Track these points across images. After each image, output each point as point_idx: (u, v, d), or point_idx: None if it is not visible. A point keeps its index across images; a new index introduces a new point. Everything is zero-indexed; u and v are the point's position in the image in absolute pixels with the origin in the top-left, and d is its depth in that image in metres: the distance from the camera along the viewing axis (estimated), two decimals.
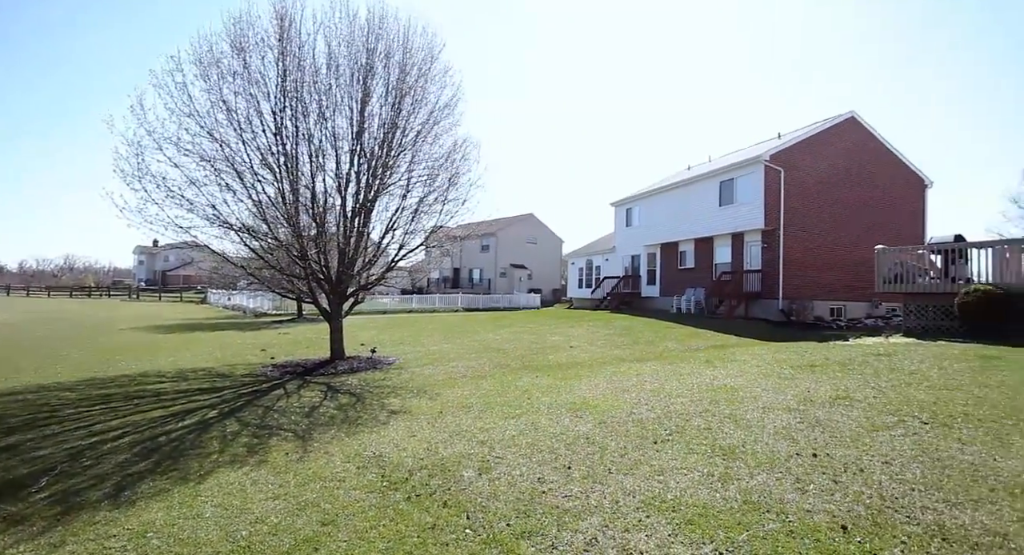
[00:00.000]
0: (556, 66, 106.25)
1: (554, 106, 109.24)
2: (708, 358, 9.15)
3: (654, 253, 25.16)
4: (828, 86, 73.44)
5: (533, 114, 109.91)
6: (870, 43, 66.86)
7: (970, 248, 10.46)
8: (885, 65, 66.75)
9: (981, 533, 2.73)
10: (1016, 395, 5.26)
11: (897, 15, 64.71)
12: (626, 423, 5.18)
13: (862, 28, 67.93)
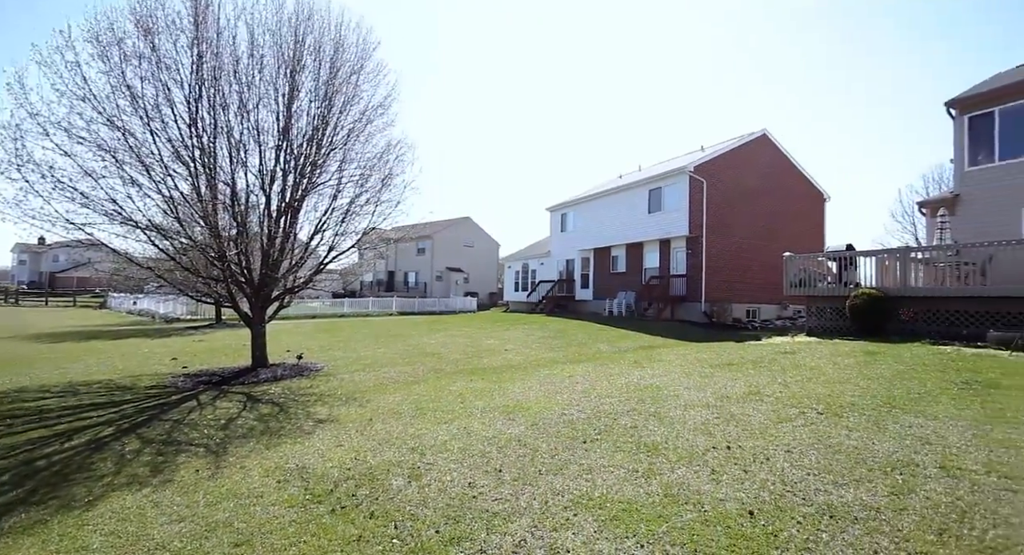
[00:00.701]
0: (495, 74, 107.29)
1: (493, 111, 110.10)
2: (636, 359, 9.56)
3: (588, 257, 25.97)
4: (744, 102, 79.81)
5: (471, 119, 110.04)
6: (782, 63, 73.50)
7: (858, 256, 11.74)
8: (794, 85, 73.64)
9: (860, 508, 3.06)
10: (891, 386, 5.95)
11: (807, 39, 71.67)
12: (557, 424, 5.29)
13: (774, 49, 74.50)
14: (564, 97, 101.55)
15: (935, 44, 60.62)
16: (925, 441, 4.11)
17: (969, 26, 59.16)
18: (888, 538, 2.73)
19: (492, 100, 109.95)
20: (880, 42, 65.24)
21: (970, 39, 59.20)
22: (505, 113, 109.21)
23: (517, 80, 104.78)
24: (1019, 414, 4.70)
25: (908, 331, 9.94)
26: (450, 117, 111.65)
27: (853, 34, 67.33)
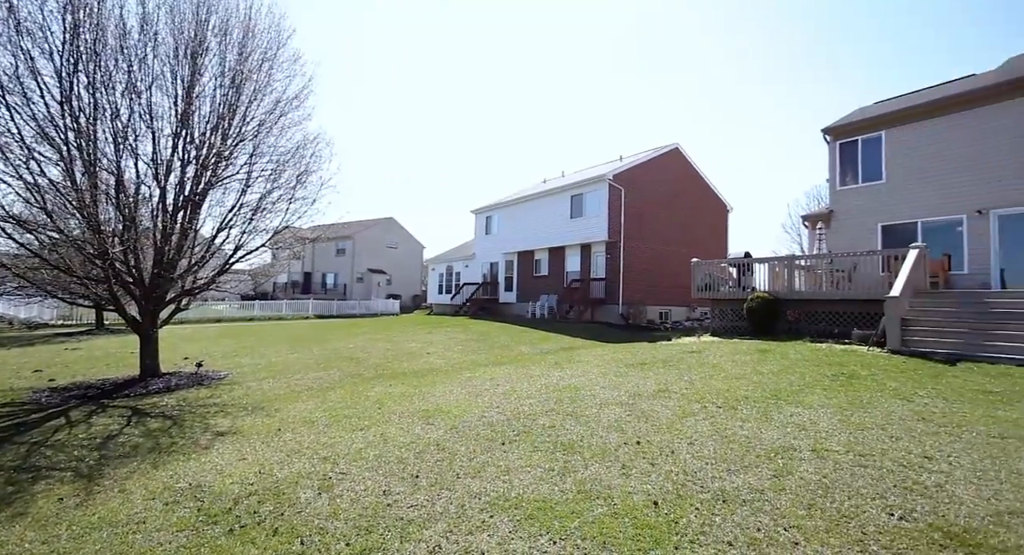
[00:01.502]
0: (421, 76, 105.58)
1: (420, 111, 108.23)
2: (557, 360, 9.83)
3: (512, 260, 26.32)
4: (659, 115, 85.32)
5: (397, 119, 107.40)
6: (696, 80, 79.45)
7: (754, 263, 12.98)
8: (704, 96, 79.92)
9: (748, 492, 3.36)
10: (778, 380, 6.63)
11: (719, 58, 78.09)
12: (477, 427, 5.29)
13: (688, 61, 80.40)
14: (490, 101, 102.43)
15: (827, 72, 68.83)
16: (801, 428, 4.62)
17: (858, 56, 67.82)
18: (769, 516, 3.02)
19: (419, 102, 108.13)
20: (779, 68, 72.87)
21: (857, 69, 67.84)
22: (432, 115, 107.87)
23: (443, 82, 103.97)
24: (872, 400, 5.44)
25: (793, 330, 11.14)
26: (375, 117, 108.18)
27: (760, 59, 74.59)
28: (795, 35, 68.15)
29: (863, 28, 64.29)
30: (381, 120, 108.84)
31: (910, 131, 12.95)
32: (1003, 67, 13.51)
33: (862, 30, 64.44)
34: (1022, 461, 3.67)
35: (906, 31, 61.72)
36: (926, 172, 12.58)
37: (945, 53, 58.23)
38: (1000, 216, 11.44)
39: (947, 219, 12.19)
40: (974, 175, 11.80)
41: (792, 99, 71.80)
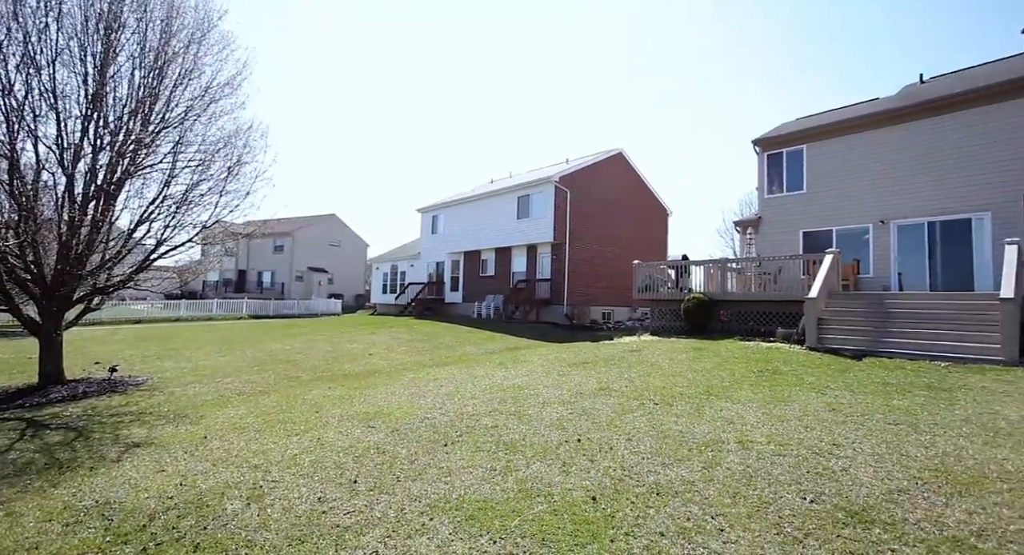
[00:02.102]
0: (367, 72, 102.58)
1: (366, 107, 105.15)
2: (502, 360, 9.86)
3: (458, 260, 26.15)
4: (605, 119, 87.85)
5: (340, 115, 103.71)
6: (639, 81, 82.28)
7: (691, 265, 13.65)
8: (648, 101, 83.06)
9: (680, 484, 3.53)
10: (711, 376, 7.01)
11: (662, 62, 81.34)
12: (419, 428, 5.20)
13: (634, 67, 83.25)
14: (438, 99, 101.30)
15: (764, 86, 73.51)
16: (730, 421, 4.90)
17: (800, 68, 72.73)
18: (698, 506, 3.18)
19: (366, 97, 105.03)
20: (721, 78, 77.06)
21: (793, 82, 72.86)
22: (380, 111, 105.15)
23: (391, 79, 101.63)
24: (791, 394, 5.87)
25: (726, 329, 11.81)
26: (317, 112, 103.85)
27: (703, 69, 78.46)
28: (736, 48, 72.36)
29: (800, 43, 69.24)
30: (325, 116, 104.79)
31: (826, 146, 14.11)
32: (899, 93, 15.03)
33: (800, 45, 69.38)
34: (910, 444, 4.09)
35: (837, 48, 67.07)
36: (839, 184, 13.75)
37: (867, 69, 63.88)
38: (899, 226, 12.70)
39: (856, 227, 13.38)
40: (877, 189, 13.04)
41: (731, 108, 76.22)
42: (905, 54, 60.86)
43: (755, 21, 67.52)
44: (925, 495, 3.20)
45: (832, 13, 61.69)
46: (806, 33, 66.65)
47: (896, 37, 61.18)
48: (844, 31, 62.47)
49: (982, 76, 12.79)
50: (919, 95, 13.40)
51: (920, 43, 60.45)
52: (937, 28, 59.13)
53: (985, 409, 4.99)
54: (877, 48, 63.29)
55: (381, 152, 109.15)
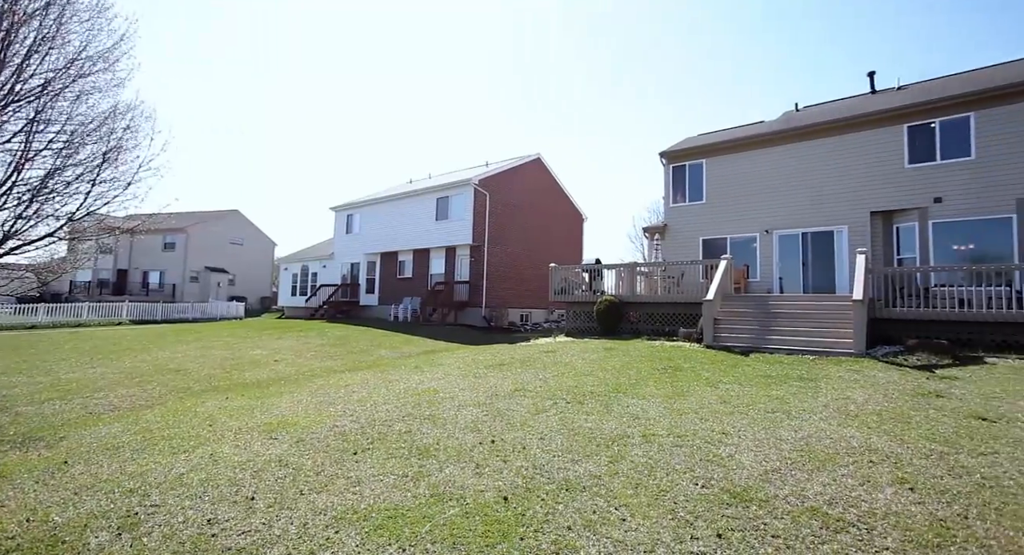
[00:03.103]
0: (278, 64, 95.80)
1: (278, 101, 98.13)
2: (417, 364, 9.67)
3: (374, 261, 25.28)
4: (524, 124, 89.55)
5: (249, 106, 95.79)
6: (560, 91, 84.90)
7: (603, 269, 14.35)
8: (568, 112, 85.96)
9: (588, 478, 3.69)
10: (619, 375, 7.40)
11: (584, 73, 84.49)
12: (327, 437, 4.94)
13: (554, 73, 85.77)
14: (357, 96, 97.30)
15: (677, 99, 78.93)
16: (635, 417, 5.21)
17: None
18: (604, 499, 3.35)
19: (280, 90, 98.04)
20: (638, 88, 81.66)
21: (702, 96, 78.87)
22: (293, 106, 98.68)
23: (306, 74, 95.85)
24: (690, 389, 6.37)
25: (635, 330, 12.55)
26: (225, 102, 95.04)
27: (622, 76, 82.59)
28: (652, 60, 77.19)
29: (712, 58, 75.31)
30: (233, 107, 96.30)
31: (722, 162, 15.54)
32: (780, 118, 16.99)
33: (712, 59, 75.44)
34: (783, 429, 4.63)
35: (738, 65, 73.85)
36: (733, 197, 15.20)
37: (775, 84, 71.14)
38: (780, 236, 14.32)
39: (746, 236, 14.88)
40: (763, 202, 14.61)
41: (642, 119, 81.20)
42: (788, 80, 68.85)
43: (657, 40, 72.77)
44: (792, 473, 3.63)
45: (737, 38, 68.19)
46: (706, 52, 73.00)
47: (779, 64, 69.01)
48: (740, 53, 69.30)
49: (843, 109, 14.83)
50: (794, 121, 15.23)
51: (803, 72, 68.71)
52: (821, 59, 67.59)
53: (840, 395, 5.77)
54: (766, 72, 70.95)
55: (292, 147, 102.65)
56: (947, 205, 11.86)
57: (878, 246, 12.74)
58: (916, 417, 4.88)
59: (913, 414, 4.98)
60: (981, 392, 5.77)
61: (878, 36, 61.07)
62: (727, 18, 67.38)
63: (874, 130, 13.01)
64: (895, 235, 12.75)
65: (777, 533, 2.83)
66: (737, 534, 2.83)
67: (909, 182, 12.41)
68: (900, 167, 12.58)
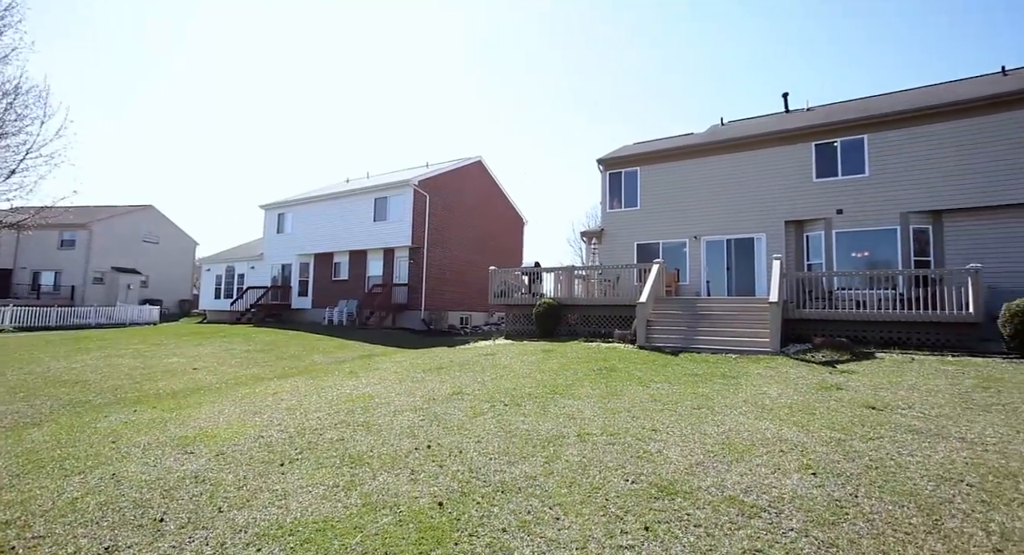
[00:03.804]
0: (207, 55, 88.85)
1: (207, 92, 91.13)
2: (353, 369, 9.34)
3: (308, 263, 24.16)
4: (466, 126, 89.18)
5: (172, 94, 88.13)
6: (498, 93, 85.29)
7: (543, 272, 14.57)
8: (509, 116, 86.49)
9: (523, 479, 3.72)
10: (556, 376, 7.54)
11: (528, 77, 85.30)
12: (251, 449, 4.65)
13: (492, 81, 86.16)
14: (294, 91, 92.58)
15: (614, 110, 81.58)
16: (571, 417, 5.32)
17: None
18: (539, 499, 3.38)
19: (208, 82, 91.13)
20: (571, 98, 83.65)
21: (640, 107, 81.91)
22: (222, 99, 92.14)
23: (238, 66, 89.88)
24: (623, 388, 6.61)
25: (572, 332, 12.83)
26: (143, 90, 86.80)
27: (561, 83, 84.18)
28: (593, 67, 79.41)
29: (645, 71, 78.49)
30: (150, 98, 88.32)
31: (656, 170, 16.31)
32: (707, 132, 18.13)
33: (647, 71, 78.63)
34: (707, 424, 4.91)
35: (672, 76, 77.59)
36: (665, 203, 15.99)
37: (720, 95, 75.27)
38: (707, 241, 15.24)
39: (677, 241, 15.69)
40: (692, 209, 15.48)
41: (580, 126, 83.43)
42: (714, 94, 73.55)
43: (597, 52, 75.39)
44: (714, 465, 3.86)
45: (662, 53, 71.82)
46: (636, 68, 76.42)
47: (708, 79, 73.56)
48: (670, 65, 73.14)
49: (761, 125, 16.06)
50: (719, 135, 16.30)
51: (727, 87, 73.58)
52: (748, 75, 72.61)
53: (757, 391, 6.22)
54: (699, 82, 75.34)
55: (217, 142, 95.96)
56: (847, 216, 13.16)
57: (791, 252, 13.88)
58: (820, 408, 5.36)
59: (817, 406, 5.47)
60: (871, 384, 6.43)
61: (793, 60, 66.85)
62: (660, 36, 71.07)
63: (787, 146, 14.20)
64: (805, 242, 13.96)
65: (699, 522, 2.99)
66: (663, 526, 2.96)
67: (816, 195, 13.65)
68: (809, 181, 13.80)
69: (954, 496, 3.26)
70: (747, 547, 2.72)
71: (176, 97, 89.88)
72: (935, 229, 12.31)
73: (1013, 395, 5.72)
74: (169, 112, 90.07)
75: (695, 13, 67.51)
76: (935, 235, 12.30)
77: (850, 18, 60.95)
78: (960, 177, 11.92)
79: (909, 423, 4.79)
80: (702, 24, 68.07)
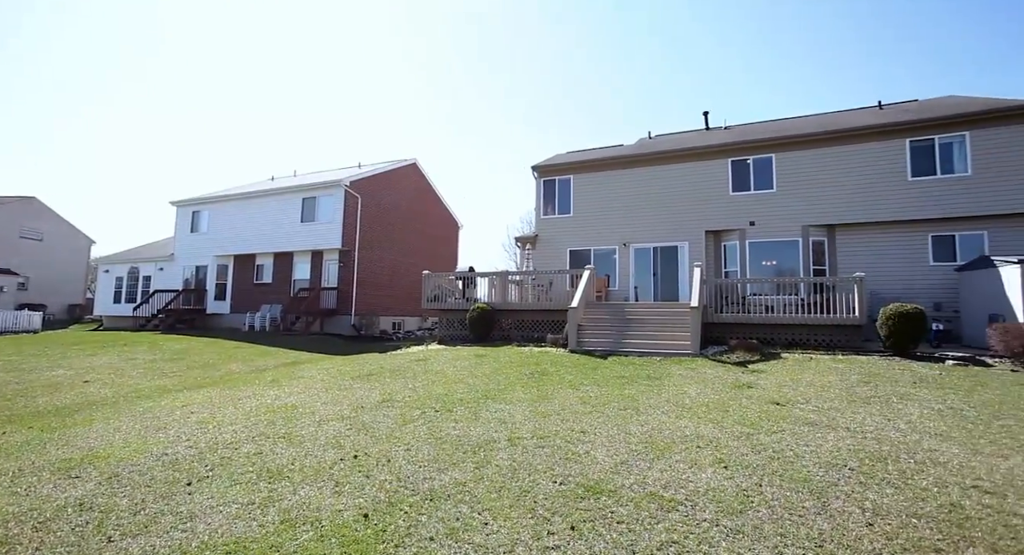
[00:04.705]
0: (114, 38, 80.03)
1: (112, 78, 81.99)
2: (275, 378, 8.81)
3: (226, 264, 22.49)
4: (402, 128, 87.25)
5: (72, 80, 78.34)
6: (433, 97, 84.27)
7: (477, 277, 14.56)
8: (445, 121, 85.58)
9: (453, 486, 3.68)
10: (489, 381, 7.55)
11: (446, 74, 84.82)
12: (153, 469, 4.23)
13: (426, 86, 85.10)
14: (211, 87, 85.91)
15: (557, 118, 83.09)
16: (503, 422, 5.35)
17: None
18: (468, 505, 3.36)
19: (115, 69, 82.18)
20: (504, 104, 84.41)
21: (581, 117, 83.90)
22: (130, 87, 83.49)
23: (150, 55, 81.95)
24: (554, 392, 6.74)
25: (506, 337, 12.90)
26: (36, 73, 76.33)
27: (490, 92, 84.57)
28: (534, 75, 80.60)
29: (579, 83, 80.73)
30: (48, 80, 78.16)
31: (588, 179, 16.87)
32: (636, 144, 19.06)
33: (583, 82, 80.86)
34: (632, 424, 5.13)
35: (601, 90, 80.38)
36: (596, 211, 16.56)
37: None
38: (635, 249, 15.97)
39: (608, 248, 16.30)
40: (622, 217, 16.17)
41: (515, 131, 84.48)
42: (641, 107, 77.48)
43: (534, 62, 77.03)
44: (638, 463, 4.04)
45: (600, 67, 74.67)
46: (575, 79, 78.96)
47: (636, 93, 77.40)
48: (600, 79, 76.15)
49: (685, 140, 17.14)
50: (647, 147, 17.19)
51: (653, 102, 77.76)
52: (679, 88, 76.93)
53: (679, 391, 6.59)
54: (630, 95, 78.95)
55: (119, 133, 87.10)
56: (758, 228, 14.35)
57: (711, 260, 14.89)
58: (733, 406, 5.78)
59: (731, 403, 5.89)
60: (777, 382, 7.04)
61: (710, 87, 72.07)
62: (594, 49, 73.93)
63: (707, 161, 15.25)
64: (723, 251, 15.03)
65: (622, 519, 3.11)
66: (588, 524, 3.05)
67: (732, 207, 14.76)
68: (726, 194, 14.90)
69: (839, 480, 3.64)
70: (665, 539, 2.86)
71: (67, 79, 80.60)
72: (830, 241, 13.74)
73: (887, 388, 6.49)
74: (60, 98, 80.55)
75: (624, 30, 71.00)
76: (830, 246, 13.73)
77: (761, 45, 66.85)
78: (849, 195, 13.41)
79: (806, 416, 5.29)
80: (625, 42, 71.71)
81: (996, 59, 56.55)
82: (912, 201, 12.78)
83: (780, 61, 67.79)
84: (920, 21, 59.62)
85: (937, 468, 3.86)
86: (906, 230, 12.90)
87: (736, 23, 67.14)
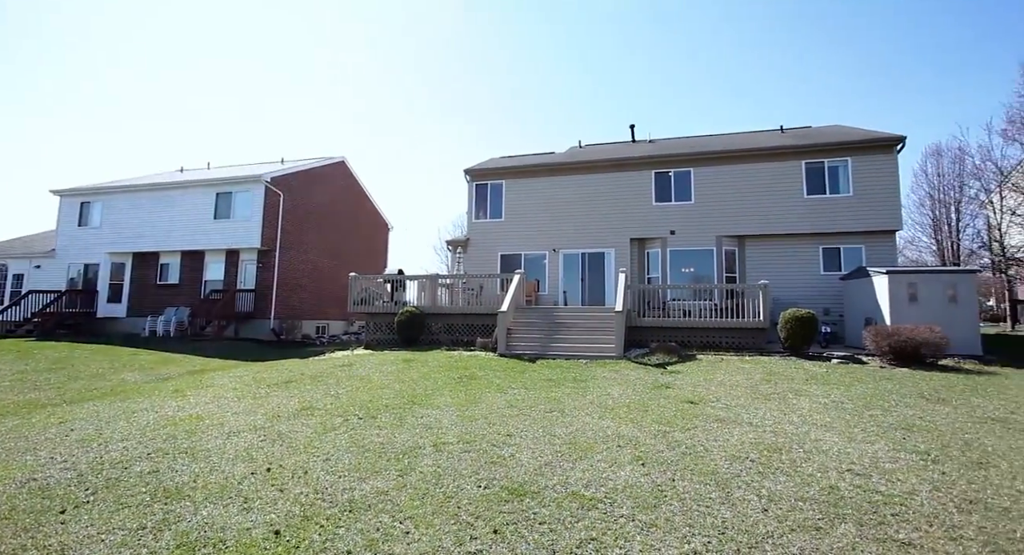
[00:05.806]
0: None
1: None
2: (178, 387, 8.05)
3: (123, 263, 20.25)
4: (328, 126, 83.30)
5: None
6: (361, 96, 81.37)
7: (406, 280, 14.24)
8: (374, 123, 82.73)
9: (374, 495, 3.54)
10: (416, 386, 7.38)
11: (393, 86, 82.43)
12: (14, 498, 3.70)
13: (355, 85, 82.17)
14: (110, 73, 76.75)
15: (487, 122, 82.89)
16: (428, 427, 5.25)
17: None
18: (389, 514, 3.25)
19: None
20: (434, 107, 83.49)
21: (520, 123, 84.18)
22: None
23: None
24: (482, 396, 6.73)
25: (435, 340, 12.71)
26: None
27: (422, 95, 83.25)
28: (470, 77, 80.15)
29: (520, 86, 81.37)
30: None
31: (520, 184, 17.11)
32: (566, 152, 19.65)
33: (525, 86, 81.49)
34: (557, 426, 5.25)
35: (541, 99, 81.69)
36: (527, 217, 16.84)
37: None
38: (564, 254, 16.41)
39: (538, 253, 16.61)
40: (552, 223, 16.56)
41: (447, 133, 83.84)
42: (575, 116, 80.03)
43: (467, 68, 77.16)
44: (561, 464, 4.12)
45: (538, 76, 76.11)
46: (511, 90, 79.98)
47: (571, 102, 79.81)
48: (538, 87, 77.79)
49: (613, 151, 17.90)
50: (577, 156, 17.76)
51: (585, 111, 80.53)
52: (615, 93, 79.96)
53: (603, 393, 6.84)
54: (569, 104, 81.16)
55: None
56: (679, 237, 15.30)
57: (635, 267, 15.64)
58: (652, 405, 6.08)
59: (650, 403, 6.20)
60: (692, 382, 7.52)
61: (639, 100, 76.01)
62: (528, 58, 75.37)
63: (632, 172, 16.04)
64: (646, 258, 15.85)
65: (544, 519, 3.15)
66: (511, 527, 3.06)
67: (655, 217, 15.63)
68: (650, 204, 15.74)
69: (741, 471, 3.94)
70: (584, 537, 2.94)
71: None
72: (740, 251, 14.95)
73: (784, 385, 7.15)
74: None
75: (555, 41, 73.15)
76: (740, 256, 14.94)
77: (689, 60, 71.62)
78: (755, 209, 14.68)
79: (716, 413, 5.69)
80: (559, 52, 74.01)
81: (874, 91, 64.87)
82: (807, 216, 14.25)
83: (695, 81, 73.01)
84: (808, 51, 66.89)
85: (821, 455, 4.30)
86: (802, 242, 14.35)
87: (659, 50, 71.47)
